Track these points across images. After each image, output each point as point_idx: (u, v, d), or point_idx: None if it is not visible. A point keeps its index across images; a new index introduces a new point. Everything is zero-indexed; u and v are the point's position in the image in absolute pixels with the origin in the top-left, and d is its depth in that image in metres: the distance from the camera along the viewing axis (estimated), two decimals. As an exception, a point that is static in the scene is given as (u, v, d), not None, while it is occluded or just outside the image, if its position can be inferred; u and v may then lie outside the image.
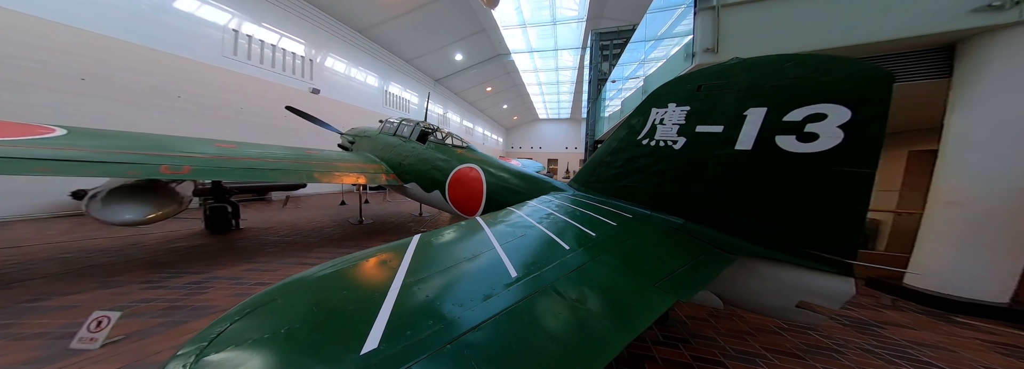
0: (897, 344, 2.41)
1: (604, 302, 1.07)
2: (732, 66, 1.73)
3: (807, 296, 1.53)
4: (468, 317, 0.83)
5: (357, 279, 1.04)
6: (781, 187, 1.56)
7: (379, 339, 0.71)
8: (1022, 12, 2.64)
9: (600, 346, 0.82)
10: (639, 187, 2.03)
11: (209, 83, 9.09)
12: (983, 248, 2.95)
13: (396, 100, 17.36)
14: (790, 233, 1.57)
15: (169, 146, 3.44)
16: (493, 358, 0.72)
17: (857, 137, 1.39)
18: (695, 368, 1.99)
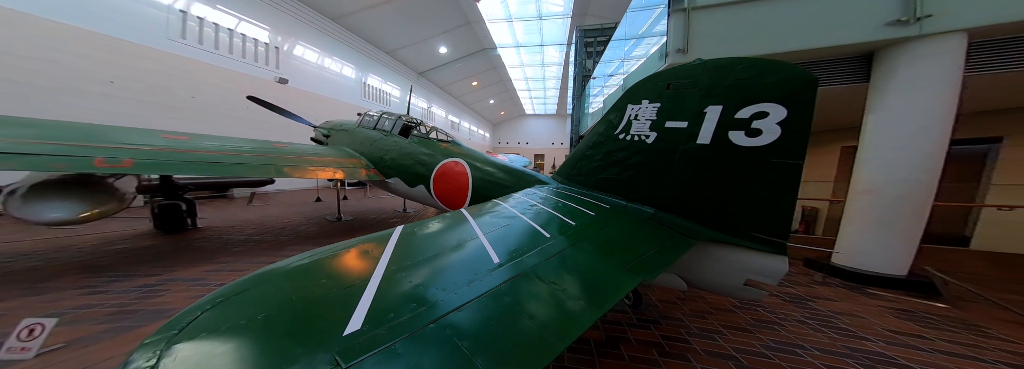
0: (824, 315, 2.74)
1: (579, 283, 1.12)
2: (696, 66, 1.83)
3: (752, 274, 1.70)
4: (451, 300, 0.84)
5: (337, 268, 1.00)
6: (732, 177, 1.72)
7: (362, 321, 0.70)
8: (921, 27, 3.05)
9: (573, 321, 0.87)
10: (616, 179, 2.10)
11: (151, 69, 8.08)
12: (889, 229, 3.40)
13: (376, 93, 16.55)
14: (739, 219, 1.72)
15: (105, 137, 3.02)
16: (474, 335, 0.73)
17: (790, 132, 1.56)
18: (664, 346, 2.13)
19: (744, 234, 1.70)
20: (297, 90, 11.79)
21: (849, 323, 2.59)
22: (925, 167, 3.24)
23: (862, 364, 2.04)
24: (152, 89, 8.10)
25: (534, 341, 0.77)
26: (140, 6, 7.81)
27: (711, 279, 1.84)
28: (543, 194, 2.24)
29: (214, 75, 9.37)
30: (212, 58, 9.38)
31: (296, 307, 0.74)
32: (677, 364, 1.95)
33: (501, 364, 0.67)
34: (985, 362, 2.10)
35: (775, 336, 2.34)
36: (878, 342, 2.32)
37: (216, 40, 9.48)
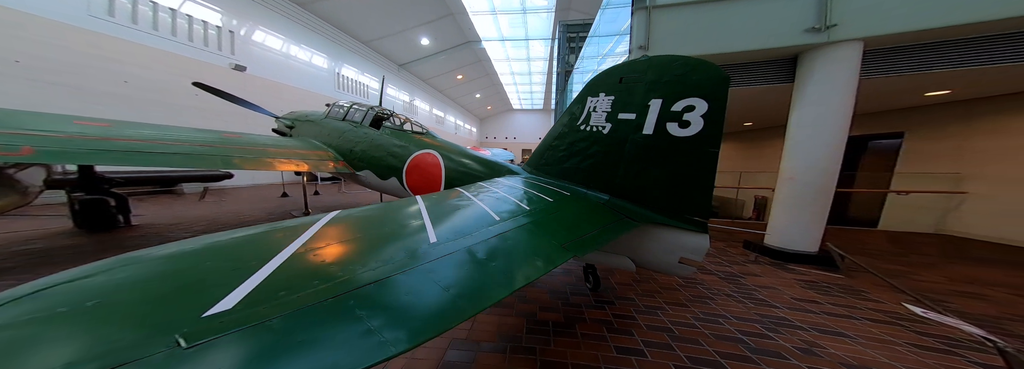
0: (748, 289, 3.01)
1: (511, 259, 1.12)
2: (643, 62, 1.90)
3: (684, 252, 1.83)
4: (365, 276, 0.79)
5: (232, 251, 0.89)
6: (669, 164, 1.83)
7: (237, 301, 0.63)
8: (830, 35, 3.40)
9: (493, 291, 0.87)
10: (578, 168, 2.15)
11: (71, 49, 6.96)
12: (804, 212, 3.80)
13: (351, 84, 15.42)
14: (674, 202, 1.84)
15: (3, 121, 2.56)
16: (384, 306, 0.70)
17: (709, 124, 1.70)
18: (614, 323, 2.23)
19: (678, 216, 1.83)
20: (258, 78, 10.76)
21: (765, 294, 2.88)
22: (829, 157, 3.65)
23: (766, 326, 2.29)
24: (72, 71, 6.99)
25: (446, 309, 0.75)
26: None
27: (653, 258, 1.95)
28: (508, 183, 2.24)
29: (152, 59, 8.27)
30: (150, 40, 8.27)
31: (150, 292, 0.64)
32: (623, 338, 2.05)
33: (401, 328, 0.65)
34: (855, 319, 2.46)
35: (705, 309, 2.54)
36: (783, 308, 2.60)
37: (155, 20, 8.36)
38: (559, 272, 3.19)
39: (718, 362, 1.83)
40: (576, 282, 2.93)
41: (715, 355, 1.90)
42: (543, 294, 2.66)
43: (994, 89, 4.69)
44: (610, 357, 1.83)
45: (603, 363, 1.76)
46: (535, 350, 1.85)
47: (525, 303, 2.49)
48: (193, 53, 9.13)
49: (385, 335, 0.62)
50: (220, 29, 9.75)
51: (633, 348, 1.94)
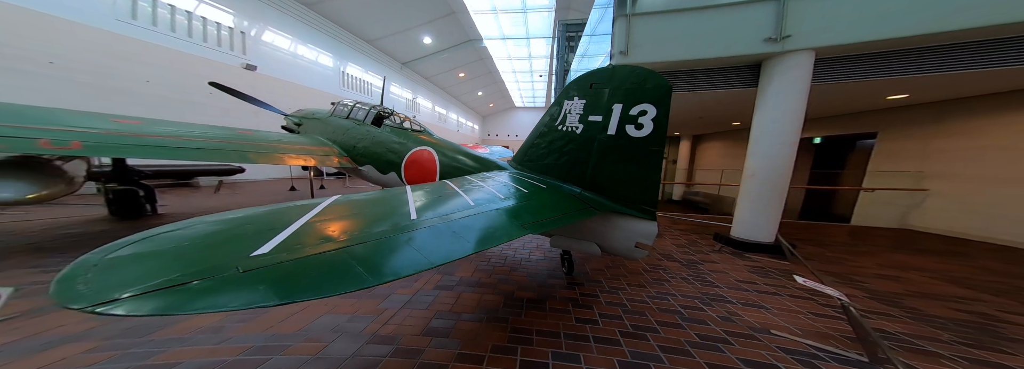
0: (701, 272, 3.27)
1: (474, 231, 1.36)
2: (608, 71, 2.12)
3: (639, 237, 2.08)
4: (356, 238, 1.06)
5: (263, 218, 1.15)
6: (626, 161, 2.07)
7: (271, 248, 0.90)
8: (784, 46, 3.61)
9: (456, 252, 1.14)
10: (556, 164, 2.33)
11: (99, 51, 7.24)
12: (762, 206, 4.05)
13: (356, 82, 15.61)
14: (630, 194, 2.09)
15: (50, 119, 2.84)
16: (366, 258, 0.96)
17: (657, 127, 1.95)
18: (578, 300, 2.48)
19: (634, 206, 2.08)
20: (268, 77, 11.01)
21: (713, 277, 3.14)
22: (784, 156, 3.87)
23: (703, 302, 2.56)
24: (100, 72, 7.28)
25: (418, 261, 1.02)
26: None
27: (615, 244, 2.19)
28: (492, 176, 2.45)
29: (171, 59, 8.53)
30: (169, 41, 8.52)
31: (218, 238, 0.93)
32: (584, 311, 2.31)
33: (379, 272, 0.93)
34: (778, 296, 2.76)
35: (659, 288, 2.81)
36: (723, 288, 2.87)
37: (173, 22, 8.60)
38: (540, 259, 3.48)
39: (655, 328, 2.11)
40: (554, 268, 3.19)
41: (654, 323, 2.17)
42: (523, 277, 2.91)
43: (946, 93, 4.90)
44: (570, 325, 2.10)
45: (563, 330, 2.03)
46: (507, 319, 2.10)
47: (506, 284, 2.74)
48: (208, 53, 9.38)
49: (366, 274, 0.90)
50: (232, 30, 9.97)
51: (590, 319, 2.21)
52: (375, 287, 2.28)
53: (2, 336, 1.65)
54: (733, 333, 2.08)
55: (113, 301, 0.66)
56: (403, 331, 1.87)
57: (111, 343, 1.61)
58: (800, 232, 5.61)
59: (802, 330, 2.16)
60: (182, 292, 0.71)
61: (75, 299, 0.66)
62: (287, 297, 0.76)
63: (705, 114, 7.03)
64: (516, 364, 1.62)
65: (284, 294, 0.76)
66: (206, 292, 0.72)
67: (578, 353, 1.78)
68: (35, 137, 2.49)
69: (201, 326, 1.81)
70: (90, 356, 1.47)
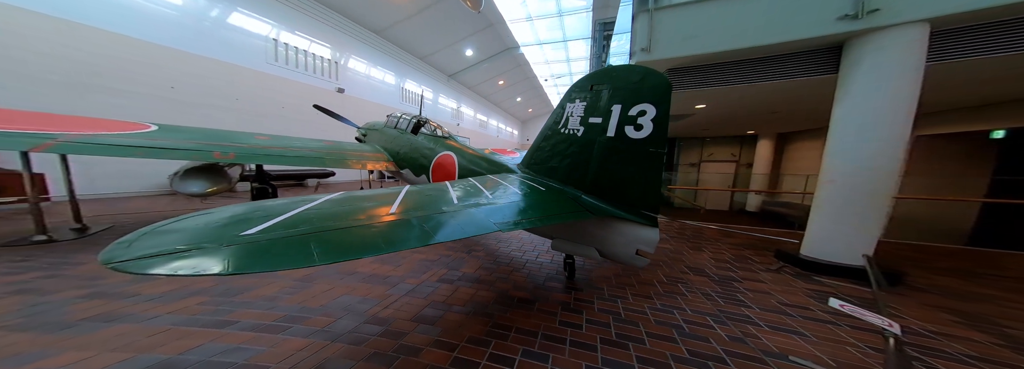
0: (734, 291, 2.77)
1: (442, 226, 1.45)
2: (608, 71, 2.03)
3: (639, 244, 1.94)
4: (327, 226, 1.23)
5: (272, 208, 1.35)
6: (626, 164, 1.95)
7: (259, 229, 1.10)
8: (869, 22, 2.75)
9: (421, 241, 1.28)
10: (558, 166, 2.29)
11: (257, 86, 9.88)
12: (847, 219, 3.16)
13: (412, 96, 17.53)
14: (631, 198, 1.96)
15: (222, 137, 4.01)
16: (326, 242, 1.11)
17: (657, 127, 1.80)
18: (570, 303, 2.42)
19: (635, 211, 1.95)
20: (352, 97, 13.29)
21: (748, 298, 2.63)
22: (886, 155, 2.96)
23: (716, 319, 2.19)
24: (255, 102, 9.97)
25: (372, 247, 1.17)
26: (249, 39, 9.50)
27: (615, 250, 2.08)
28: (494, 178, 2.53)
29: (293, 88, 11.05)
30: (292, 74, 11.08)
31: (226, 221, 1.16)
32: (572, 315, 2.24)
33: (329, 254, 1.06)
34: (832, 324, 2.19)
35: (668, 302, 2.51)
36: (755, 309, 2.39)
37: (295, 60, 11.14)
38: (547, 262, 3.44)
39: (641, 339, 1.93)
40: (557, 272, 3.12)
41: (643, 334, 1.99)
42: (522, 278, 2.92)
43: None
44: (551, 326, 2.07)
45: (543, 330, 2.02)
46: (493, 315, 2.18)
47: (504, 282, 2.79)
48: (314, 81, 11.84)
49: (314, 256, 1.03)
50: (329, 61, 12.36)
51: (575, 323, 2.14)
52: (393, 279, 2.69)
53: (155, 288, 2.40)
54: (734, 353, 1.80)
55: (128, 261, 0.87)
56: (398, 315, 2.12)
57: (213, 300, 2.23)
58: (941, 259, 4.15)
59: (836, 362, 1.74)
60: (175, 258, 0.90)
61: (109, 259, 0.87)
62: (245, 268, 0.93)
63: (781, 108, 5.76)
64: (484, 356, 1.71)
65: (244, 266, 0.93)
66: (192, 259, 0.91)
67: (549, 354, 1.77)
68: (211, 150, 3.50)
69: (264, 295, 2.33)
70: (200, 306, 2.11)
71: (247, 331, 1.79)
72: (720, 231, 5.64)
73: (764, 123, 7.98)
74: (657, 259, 3.81)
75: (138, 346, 1.60)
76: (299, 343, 1.70)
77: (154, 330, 1.76)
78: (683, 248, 4.39)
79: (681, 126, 8.23)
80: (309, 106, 8.57)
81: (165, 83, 7.73)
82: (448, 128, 21.88)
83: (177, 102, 8.01)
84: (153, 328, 1.79)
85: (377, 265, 3.10)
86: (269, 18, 9.91)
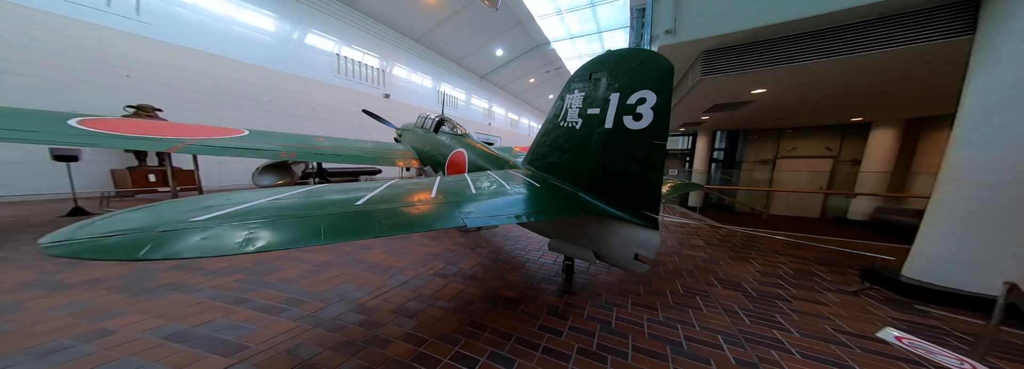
0: (772, 310, 2.23)
1: (412, 217, 1.42)
2: (606, 56, 1.83)
3: (638, 248, 1.72)
4: (275, 215, 1.20)
5: (246, 196, 1.39)
6: (623, 158, 1.74)
7: (207, 217, 1.07)
8: None
9: (388, 231, 1.24)
10: (558, 162, 2.15)
11: (325, 96, 11.30)
12: (976, 231, 2.30)
13: (447, 98, 18.22)
14: (629, 196, 1.75)
15: (291, 140, 4.66)
16: (262, 229, 1.08)
17: (657, 116, 1.58)
18: (560, 309, 2.22)
19: (633, 211, 1.74)
20: (396, 102, 14.39)
21: (790, 320, 2.09)
22: None
23: (730, 340, 1.79)
24: (324, 110, 11.53)
25: (304, 237, 1.10)
26: (321, 56, 10.97)
27: (612, 252, 1.88)
28: (499, 174, 2.41)
29: (349, 96, 12.45)
30: (349, 84, 12.45)
31: (187, 208, 1.14)
32: (556, 320, 2.07)
33: (258, 243, 1.00)
34: (913, 365, 1.52)
35: (673, 314, 2.15)
36: (793, 333, 1.90)
37: (352, 71, 12.52)
38: (549, 262, 3.24)
39: (624, 353, 1.68)
40: (556, 275, 2.92)
41: (629, 348, 1.73)
42: (517, 277, 2.79)
43: None
44: (529, 330, 1.93)
45: (519, 333, 1.89)
46: (473, 313, 2.11)
47: (496, 280, 2.71)
48: (365, 88, 13.11)
49: (244, 244, 0.98)
50: (377, 70, 13.52)
51: (556, 329, 1.97)
52: (394, 270, 2.80)
53: (214, 264, 2.77)
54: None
55: (63, 243, 0.85)
56: (382, 306, 2.17)
57: (247, 278, 2.54)
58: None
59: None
60: (119, 240, 0.89)
61: (51, 245, 0.84)
62: (172, 255, 0.91)
63: (891, 88, 4.37)
64: (449, 354, 1.66)
65: (172, 252, 0.91)
66: (132, 244, 0.89)
67: (516, 359, 1.66)
68: (279, 150, 4.10)
69: (284, 277, 2.59)
70: (236, 283, 2.43)
71: (254, 310, 2.02)
72: (787, 242, 4.64)
73: (878, 108, 6.01)
74: (680, 267, 3.33)
75: (173, 315, 1.91)
76: (286, 326, 1.85)
77: (192, 302, 2.09)
78: (721, 257, 3.77)
79: (743, 116, 6.94)
80: (355, 110, 9.52)
81: (265, 98, 9.47)
82: (479, 128, 22.18)
83: (273, 113, 9.75)
84: (193, 299, 2.13)
85: (385, 255, 3.28)
86: (333, 35, 11.24)
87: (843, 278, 3.11)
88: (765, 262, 3.60)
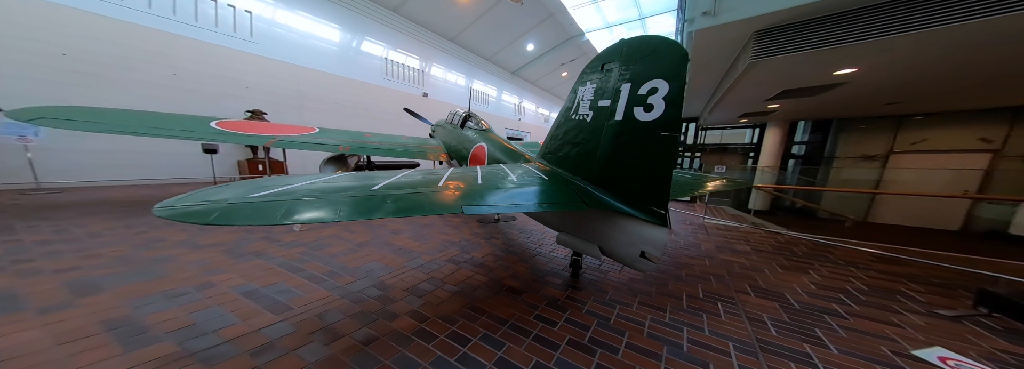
0: (811, 323, 1.94)
1: (413, 201, 1.52)
2: (619, 46, 1.77)
3: (644, 245, 1.67)
4: (306, 194, 1.40)
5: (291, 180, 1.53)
6: (633, 151, 1.69)
7: (264, 193, 1.34)
8: None
9: (393, 213, 1.38)
10: (568, 156, 2.13)
11: (376, 97, 12.56)
12: None
13: (479, 95, 18.44)
14: (637, 190, 1.70)
15: (347, 135, 5.37)
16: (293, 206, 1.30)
17: (669, 107, 1.51)
18: (560, 301, 2.21)
19: (641, 206, 1.70)
20: (434, 100, 15.15)
21: (836, 337, 1.80)
22: None
23: (743, 348, 1.63)
24: (375, 110, 12.79)
25: (325, 215, 1.29)
26: (373, 60, 12.15)
27: (618, 249, 1.84)
28: (509, 168, 2.47)
29: (394, 96, 13.50)
30: (394, 84, 13.52)
31: (252, 188, 1.40)
32: (553, 312, 2.08)
33: (322, 209, 1.31)
34: None
35: (685, 317, 2.00)
36: (829, 348, 1.65)
37: (396, 73, 13.51)
38: (559, 256, 3.22)
39: (615, 348, 1.65)
40: (564, 269, 2.89)
41: (622, 345, 1.69)
42: (525, 269, 2.82)
43: None
44: (524, 319, 1.99)
45: (514, 320, 1.96)
46: (476, 298, 2.22)
47: (503, 270, 2.77)
48: (407, 88, 14.04)
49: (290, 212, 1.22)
50: (417, 70, 14.31)
51: (552, 319, 1.99)
52: (414, 254, 3.08)
53: (284, 237, 3.25)
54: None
55: (168, 208, 1.11)
56: (397, 284, 2.40)
57: (305, 251, 2.93)
58: None
59: None
60: (199, 209, 1.15)
61: (160, 209, 1.11)
62: (230, 221, 1.11)
63: None
64: (446, 332, 1.81)
65: (230, 220, 1.11)
66: (206, 212, 1.13)
67: (506, 343, 1.75)
68: (336, 144, 4.77)
69: (329, 252, 2.98)
70: (298, 254, 2.86)
71: (304, 278, 2.42)
72: (877, 255, 3.81)
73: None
74: (709, 271, 3.04)
75: (251, 276, 2.39)
76: (322, 294, 2.19)
77: (266, 267, 2.58)
78: (767, 265, 3.35)
79: (835, 102, 5.57)
80: (397, 109, 10.35)
81: (333, 101, 10.98)
82: (509, 124, 22.05)
83: (340, 114, 11.24)
84: (266, 265, 2.63)
85: (409, 240, 3.59)
86: (382, 41, 12.30)
87: (945, 301, 2.53)
88: (829, 274, 3.09)
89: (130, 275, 2.27)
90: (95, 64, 6.09)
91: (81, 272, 2.27)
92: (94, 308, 1.81)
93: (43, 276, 2.19)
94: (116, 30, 6.29)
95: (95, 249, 2.72)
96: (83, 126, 3.50)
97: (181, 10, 7.20)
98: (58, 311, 1.76)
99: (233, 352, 1.50)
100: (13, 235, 2.97)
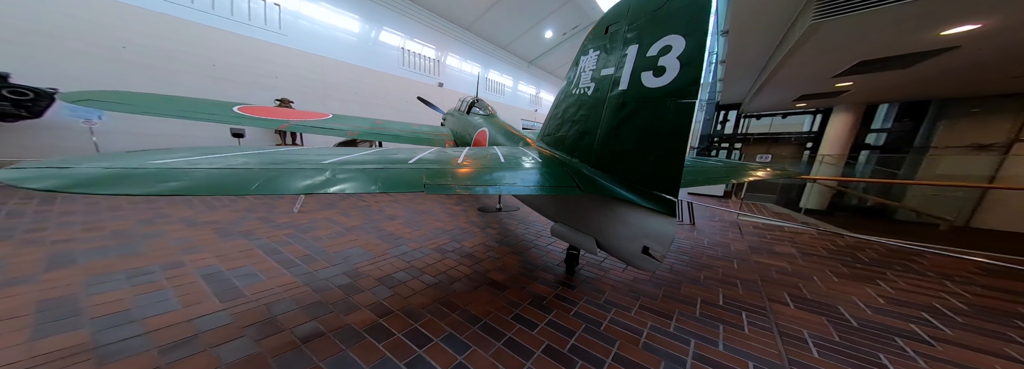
0: (877, 346, 1.48)
1: (386, 177, 1.29)
2: (624, 3, 1.47)
3: (647, 240, 1.36)
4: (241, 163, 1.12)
5: (224, 150, 1.25)
6: (638, 124, 1.36)
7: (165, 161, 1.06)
8: None
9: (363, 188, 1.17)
10: (566, 135, 1.87)
11: (393, 87, 12.64)
12: None
13: (494, 85, 18.00)
14: (640, 172, 1.38)
15: (358, 121, 5.24)
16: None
17: (686, 68, 1.17)
18: (547, 300, 1.92)
19: (644, 192, 1.37)
20: (449, 90, 14.87)
21: (892, 355, 1.34)
22: None
23: (755, 363, 1.11)
24: (392, 99, 12.81)
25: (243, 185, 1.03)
26: (390, 51, 12.08)
27: (617, 243, 1.53)
28: (508, 150, 2.27)
29: (411, 86, 13.42)
30: (412, 75, 13.41)
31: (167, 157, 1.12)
32: (536, 312, 1.77)
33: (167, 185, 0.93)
34: None
35: (696, 328, 1.61)
36: None
37: (413, 63, 13.36)
38: (557, 251, 2.86)
39: (601, 360, 1.33)
40: (558, 264, 2.54)
41: (609, 358, 1.34)
42: (514, 262, 2.52)
43: None
44: (500, 319, 1.69)
45: (488, 320, 1.67)
46: (452, 292, 1.96)
47: (490, 262, 2.50)
48: (422, 78, 13.88)
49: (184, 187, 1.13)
50: (433, 60, 14.02)
51: (532, 321, 1.68)
52: (402, 241, 2.86)
53: (281, 219, 3.16)
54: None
55: None
56: (372, 273, 2.17)
57: (292, 233, 2.79)
58: None
59: None
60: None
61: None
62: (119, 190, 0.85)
63: None
64: (405, 329, 1.56)
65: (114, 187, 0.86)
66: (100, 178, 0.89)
67: (471, 345, 1.46)
68: (346, 129, 4.59)
69: (315, 235, 2.83)
70: (284, 236, 2.70)
71: (276, 262, 2.26)
72: (988, 266, 2.99)
73: None
74: (736, 275, 2.56)
75: (225, 257, 2.25)
76: (286, 280, 2.01)
77: (245, 247, 2.45)
78: (817, 271, 2.77)
79: (938, 73, 4.14)
80: (411, 97, 10.19)
81: (353, 90, 11.22)
82: (525, 114, 21.42)
83: (359, 103, 11.47)
84: (247, 245, 2.50)
85: (401, 226, 3.39)
86: (399, 31, 12.17)
87: (998, 320, 1.88)
88: (908, 287, 2.46)
89: (111, 250, 2.22)
90: (148, 56, 6.59)
91: (72, 244, 2.26)
92: (49, 284, 1.73)
93: (38, 246, 2.19)
94: (165, 25, 6.79)
95: (103, 222, 2.76)
96: (119, 108, 3.69)
97: (219, 5, 7.68)
98: (14, 286, 1.70)
99: (142, 347, 1.30)
100: (49, 205, 3.11)
